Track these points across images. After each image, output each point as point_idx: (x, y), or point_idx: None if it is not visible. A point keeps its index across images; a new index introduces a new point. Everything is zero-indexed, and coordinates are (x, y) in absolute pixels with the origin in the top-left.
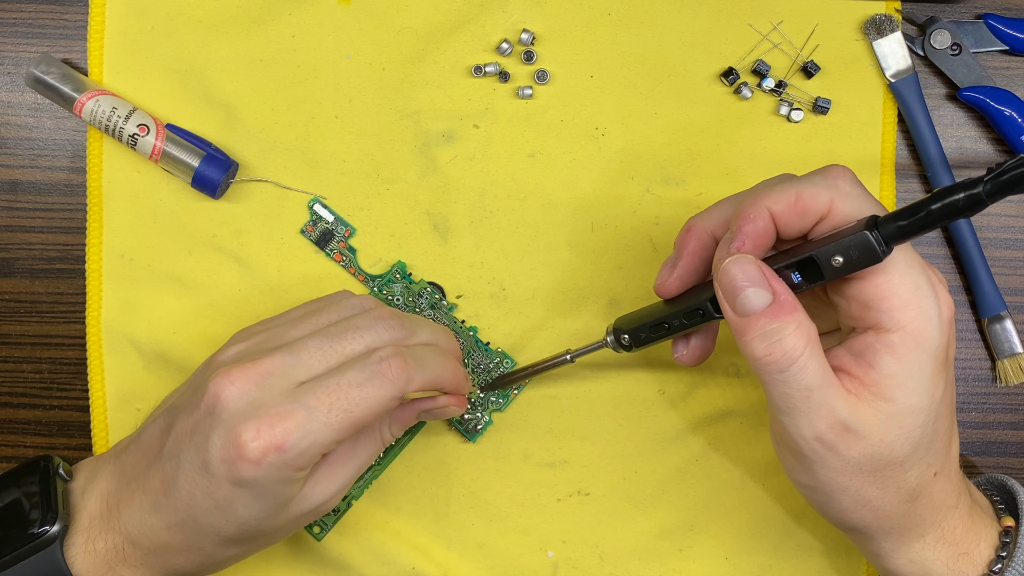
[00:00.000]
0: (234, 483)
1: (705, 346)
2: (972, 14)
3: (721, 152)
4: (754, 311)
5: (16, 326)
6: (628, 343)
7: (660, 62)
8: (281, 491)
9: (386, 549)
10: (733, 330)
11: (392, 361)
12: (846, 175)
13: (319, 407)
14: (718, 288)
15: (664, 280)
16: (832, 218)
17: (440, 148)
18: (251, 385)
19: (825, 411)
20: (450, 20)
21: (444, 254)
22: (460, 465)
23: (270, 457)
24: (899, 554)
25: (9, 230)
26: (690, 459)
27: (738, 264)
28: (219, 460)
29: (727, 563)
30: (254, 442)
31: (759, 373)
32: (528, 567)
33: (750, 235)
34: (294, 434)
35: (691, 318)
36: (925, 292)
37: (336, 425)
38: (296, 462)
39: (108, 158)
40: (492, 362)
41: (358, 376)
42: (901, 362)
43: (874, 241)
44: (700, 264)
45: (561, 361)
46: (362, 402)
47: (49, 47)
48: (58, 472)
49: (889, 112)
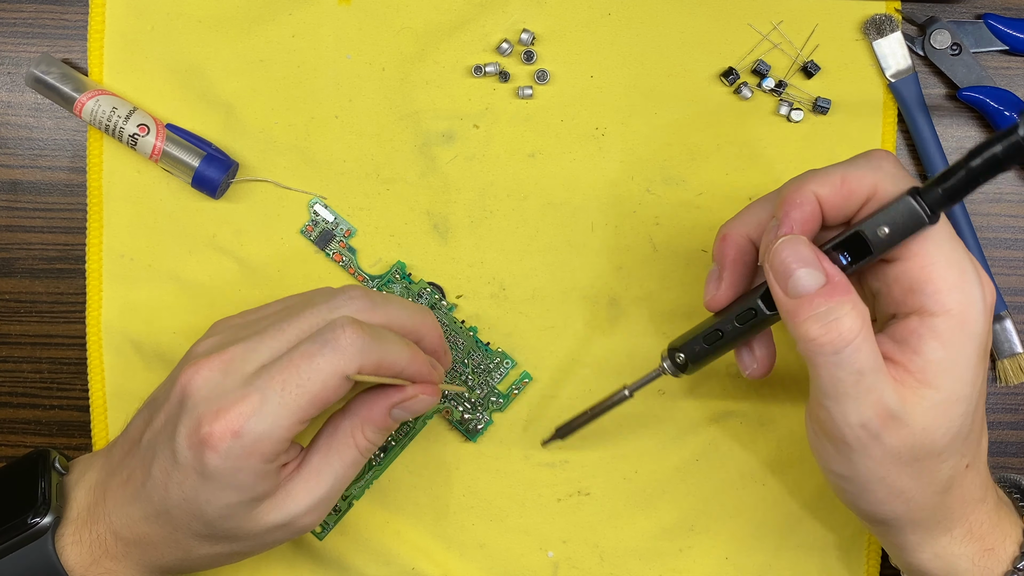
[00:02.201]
0: (198, 472)
1: (771, 354)
2: (972, 14)
3: (721, 152)
4: (807, 292)
5: (16, 326)
6: (684, 361)
7: (660, 62)
8: (248, 483)
9: (386, 549)
10: (784, 313)
11: (345, 328)
12: (889, 157)
13: (272, 387)
14: (768, 272)
15: (713, 295)
16: (877, 200)
17: (440, 148)
18: (215, 373)
19: (874, 397)
20: (450, 20)
21: (444, 254)
22: (460, 465)
23: (227, 443)
24: (925, 547)
25: (9, 230)
26: (690, 459)
27: (790, 245)
28: (185, 448)
29: (727, 563)
30: (211, 428)
31: (810, 355)
32: (528, 567)
33: (797, 220)
34: (250, 418)
35: (744, 319)
36: (970, 276)
37: (292, 404)
38: (257, 448)
39: (108, 158)
40: (492, 362)
41: (309, 348)
42: (947, 348)
43: (917, 205)
44: (745, 271)
45: (620, 399)
46: (315, 375)
47: (49, 47)
48: (54, 465)
49: (889, 112)
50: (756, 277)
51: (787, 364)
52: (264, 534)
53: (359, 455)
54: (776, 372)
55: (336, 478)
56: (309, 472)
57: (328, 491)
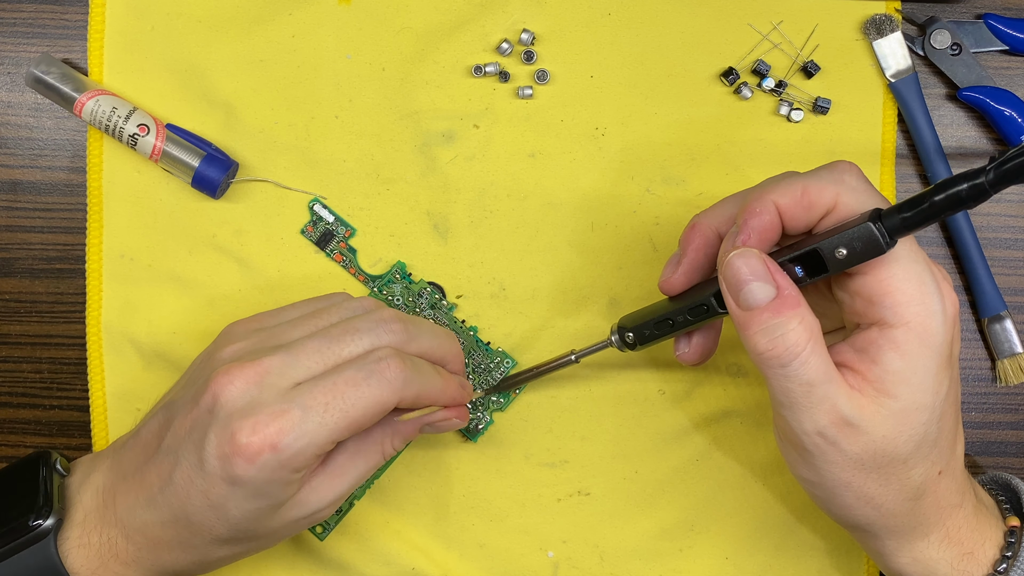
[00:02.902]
0: (228, 481)
1: (708, 344)
2: (972, 14)
3: (721, 152)
4: (757, 305)
5: (16, 326)
6: (632, 341)
7: (660, 62)
8: (275, 492)
9: (386, 549)
10: (736, 324)
11: (390, 362)
12: (852, 170)
13: (315, 407)
14: (722, 281)
15: (668, 277)
16: (838, 213)
17: (440, 148)
18: (250, 384)
19: (827, 406)
20: (450, 20)
21: (444, 254)
22: (460, 465)
23: (265, 456)
24: (903, 553)
25: (9, 230)
26: (690, 459)
27: (743, 257)
28: (215, 457)
29: (727, 563)
30: (249, 440)
31: (761, 367)
32: (528, 567)
33: (756, 229)
34: (289, 434)
35: (695, 314)
36: (929, 288)
37: (332, 425)
38: (291, 462)
39: (108, 158)
40: (492, 362)
41: (355, 375)
42: (905, 358)
43: (877, 233)
44: (705, 261)
45: (566, 362)
46: (359, 402)
47: (49, 47)
48: (55, 467)
49: (889, 112)
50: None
51: None
52: (283, 529)
53: (382, 460)
54: None
55: (359, 477)
56: (334, 470)
57: (349, 488)
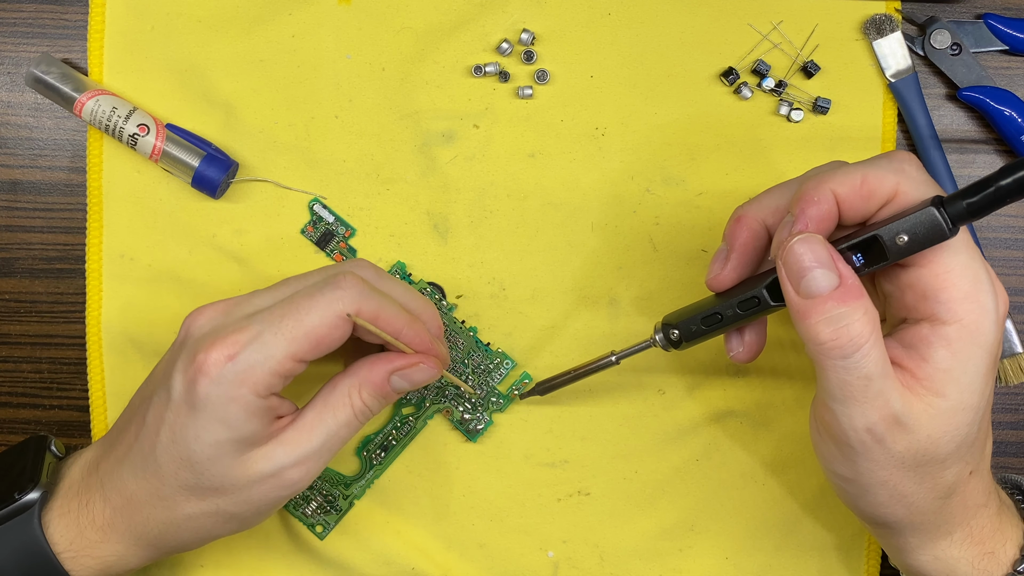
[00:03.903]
0: (189, 405)
1: (760, 341)
2: (972, 14)
3: (721, 152)
4: (820, 293)
5: (16, 326)
6: (678, 339)
7: (660, 62)
8: (237, 419)
9: (386, 549)
10: (795, 313)
11: (346, 275)
12: (912, 160)
13: (270, 320)
14: (781, 269)
15: (717, 273)
16: (897, 203)
17: (440, 148)
18: (218, 313)
19: (881, 402)
20: (450, 20)
21: (444, 254)
22: (460, 465)
23: (220, 368)
24: (925, 550)
25: (9, 230)
26: (690, 459)
27: (806, 244)
28: (179, 383)
29: (727, 563)
30: (207, 354)
31: (819, 358)
32: (528, 567)
33: (813, 218)
34: (246, 346)
35: (746, 307)
36: (984, 285)
37: (288, 335)
38: (250, 376)
39: (108, 158)
40: (492, 363)
41: (309, 289)
42: (956, 357)
43: (940, 218)
44: (753, 256)
45: (606, 363)
46: (312, 309)
47: (49, 47)
48: (50, 448)
49: (889, 112)
50: (763, 264)
51: (786, 364)
52: (251, 486)
53: (353, 416)
54: (776, 372)
55: (328, 434)
56: (302, 425)
57: (319, 446)
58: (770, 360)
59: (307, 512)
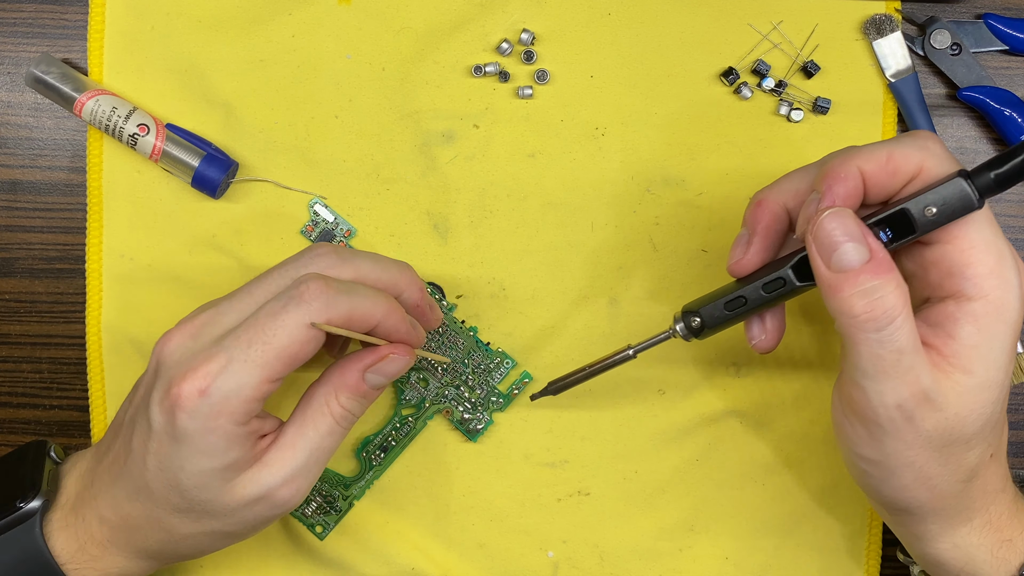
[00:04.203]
0: (171, 436)
1: (781, 327)
2: (972, 14)
3: (721, 152)
4: (851, 267)
5: (16, 326)
6: (699, 326)
7: (660, 62)
8: (219, 448)
9: (386, 549)
10: (827, 288)
11: (309, 283)
12: (935, 138)
13: (238, 345)
14: (812, 244)
15: (740, 258)
16: (920, 180)
17: (440, 148)
18: (185, 338)
19: (911, 377)
20: (450, 20)
21: (444, 254)
22: (460, 465)
23: (195, 402)
24: (944, 537)
25: (9, 230)
26: (690, 459)
27: (837, 218)
28: (158, 414)
29: (727, 563)
30: (179, 388)
31: (852, 332)
32: (528, 567)
33: (841, 195)
34: (217, 376)
35: (771, 289)
36: (1008, 261)
37: (258, 359)
38: (224, 407)
39: (108, 158)
40: (492, 362)
41: (273, 306)
42: (983, 333)
43: (969, 188)
44: (775, 239)
45: (624, 358)
46: (279, 330)
47: (49, 47)
48: (49, 454)
49: (889, 112)
50: (784, 247)
51: (786, 364)
52: (242, 509)
53: (334, 423)
54: (776, 372)
55: (312, 448)
56: (285, 443)
57: (304, 462)
58: (770, 360)
59: (307, 512)
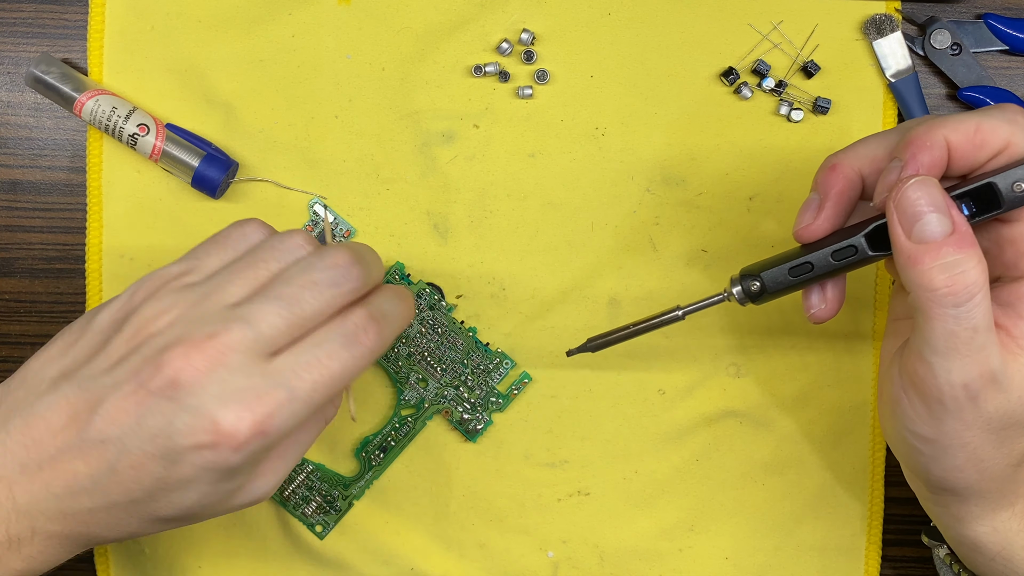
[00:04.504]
0: (202, 468)
1: (841, 297)
2: (972, 14)
3: (721, 152)
4: (933, 239)
5: (16, 326)
6: (759, 291)
7: (660, 62)
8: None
9: (386, 549)
10: (906, 259)
11: (369, 330)
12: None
13: (301, 386)
14: (893, 212)
15: (809, 223)
16: (1006, 156)
17: (440, 148)
18: (214, 364)
19: (982, 357)
20: (450, 20)
21: (444, 254)
22: (460, 465)
23: (254, 443)
24: (985, 520)
25: (9, 230)
26: (690, 459)
27: (923, 187)
28: (188, 448)
29: (727, 563)
30: (236, 428)
31: (928, 306)
32: (528, 567)
33: (925, 164)
34: (278, 417)
35: (841, 257)
36: None
37: (317, 401)
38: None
39: (108, 158)
40: (492, 363)
41: (335, 348)
42: None
43: None
44: (847, 206)
45: (672, 318)
46: (342, 374)
47: (49, 47)
48: None
49: (889, 112)
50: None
51: (786, 364)
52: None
53: (324, 426)
54: (776, 372)
55: (301, 452)
56: (280, 452)
57: (292, 465)
58: (770, 360)
59: (307, 512)
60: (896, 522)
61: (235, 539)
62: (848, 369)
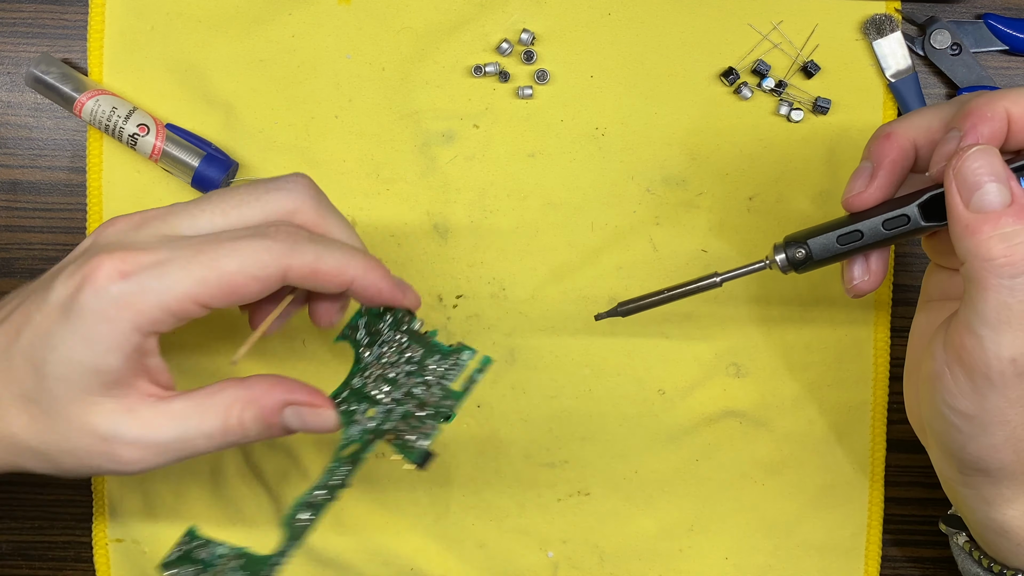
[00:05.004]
0: (62, 310)
1: (885, 269)
2: (972, 14)
3: (721, 152)
4: (992, 208)
5: None
6: (804, 258)
7: (660, 62)
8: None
9: (386, 549)
10: (963, 228)
11: (282, 227)
12: None
13: (184, 249)
14: (951, 181)
15: (860, 191)
16: None
17: (440, 148)
18: (130, 227)
19: None
20: (450, 20)
21: (444, 254)
22: (460, 465)
23: (110, 282)
24: (1016, 504)
25: (9, 230)
26: (690, 459)
27: (984, 155)
28: (61, 286)
29: (727, 563)
30: (99, 262)
31: (984, 276)
32: (528, 567)
33: (985, 135)
34: (146, 269)
35: (892, 226)
36: None
37: (197, 272)
38: (137, 301)
39: (108, 158)
40: (448, 363)
41: (236, 233)
42: None
43: None
44: (900, 176)
45: (709, 284)
46: (233, 254)
47: (49, 47)
48: None
49: (889, 112)
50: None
51: (786, 364)
52: (80, 436)
53: (222, 431)
54: (776, 372)
55: (183, 434)
56: (163, 409)
57: (168, 441)
58: (770, 360)
59: None
60: (896, 522)
61: (235, 538)
62: (848, 369)
